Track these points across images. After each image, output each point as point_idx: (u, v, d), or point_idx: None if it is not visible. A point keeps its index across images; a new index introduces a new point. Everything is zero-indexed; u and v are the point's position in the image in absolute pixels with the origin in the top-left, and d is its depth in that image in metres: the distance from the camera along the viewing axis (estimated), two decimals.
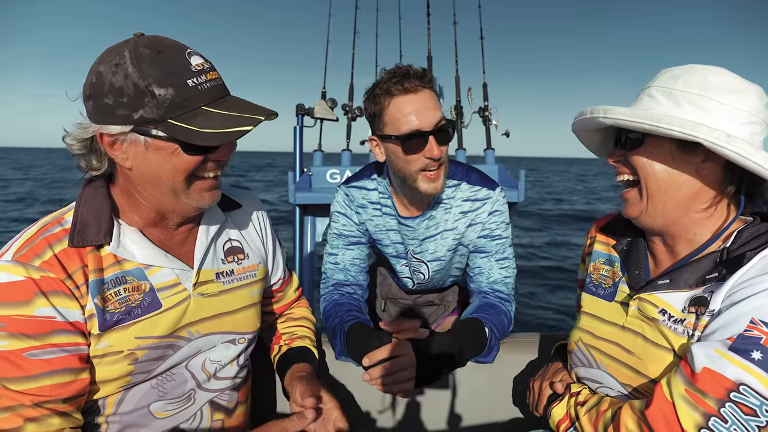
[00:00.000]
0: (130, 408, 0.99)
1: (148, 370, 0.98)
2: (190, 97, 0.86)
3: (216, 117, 0.87)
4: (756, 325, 0.76)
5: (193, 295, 1.04)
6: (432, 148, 1.27)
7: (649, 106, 0.91)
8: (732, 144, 0.79)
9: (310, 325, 1.39)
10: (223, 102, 0.90)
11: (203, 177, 0.94)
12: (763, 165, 0.79)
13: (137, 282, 0.97)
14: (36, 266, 0.86)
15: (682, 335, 0.88)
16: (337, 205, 1.56)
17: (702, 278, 0.88)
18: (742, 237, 0.87)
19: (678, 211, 0.91)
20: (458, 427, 1.43)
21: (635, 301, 0.97)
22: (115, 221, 0.97)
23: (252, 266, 1.18)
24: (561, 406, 1.04)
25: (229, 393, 1.13)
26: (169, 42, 0.89)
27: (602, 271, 1.11)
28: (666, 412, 0.80)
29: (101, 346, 0.92)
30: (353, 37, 4.47)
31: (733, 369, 0.75)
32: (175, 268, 1.01)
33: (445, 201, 1.47)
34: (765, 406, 0.73)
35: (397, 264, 1.64)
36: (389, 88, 1.27)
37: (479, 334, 1.28)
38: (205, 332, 1.06)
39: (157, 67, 0.84)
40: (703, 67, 0.88)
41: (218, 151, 0.92)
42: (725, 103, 0.85)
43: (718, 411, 0.75)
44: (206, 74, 0.88)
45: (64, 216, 0.96)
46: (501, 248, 1.47)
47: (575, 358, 1.11)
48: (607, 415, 0.92)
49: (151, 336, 0.97)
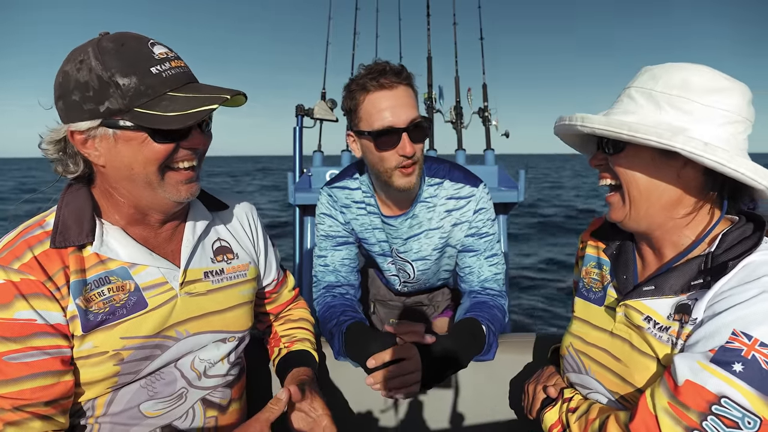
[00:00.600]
0: (120, 408, 0.99)
1: (136, 371, 0.98)
2: (155, 84, 0.86)
3: (180, 100, 0.86)
4: (737, 337, 0.75)
5: (180, 295, 1.04)
6: (405, 146, 1.26)
7: (628, 108, 0.90)
8: (710, 152, 0.78)
9: (309, 326, 1.38)
10: (189, 87, 0.89)
11: (177, 168, 0.93)
12: (740, 171, 0.78)
13: (122, 281, 0.96)
14: (15, 269, 0.86)
15: (667, 343, 0.87)
16: (322, 206, 1.57)
17: (687, 284, 0.87)
18: (727, 240, 0.86)
19: (662, 214, 0.90)
20: (458, 427, 1.44)
21: (621, 307, 0.97)
22: (98, 221, 0.97)
23: (242, 266, 1.18)
24: (553, 412, 1.05)
25: (221, 390, 1.13)
26: (132, 35, 0.89)
27: (593, 275, 1.11)
28: (649, 425, 0.80)
29: (85, 347, 0.92)
30: (353, 38, 4.48)
31: (714, 381, 0.75)
32: (161, 266, 1.01)
33: (428, 200, 1.47)
34: (747, 418, 0.73)
35: (383, 263, 1.65)
36: (365, 84, 1.27)
37: (477, 333, 1.28)
38: (194, 331, 1.06)
39: (119, 58, 0.85)
40: (683, 66, 0.87)
41: (190, 139, 0.91)
42: (706, 104, 0.84)
43: (700, 424, 0.75)
44: (170, 62, 0.88)
45: (45, 219, 0.96)
46: (489, 245, 1.47)
47: (566, 363, 1.11)
48: (594, 425, 0.92)
49: (136, 336, 0.97)
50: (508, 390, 1.44)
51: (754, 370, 0.73)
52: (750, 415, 0.72)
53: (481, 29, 4.30)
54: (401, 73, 1.28)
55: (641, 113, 0.88)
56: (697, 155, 0.78)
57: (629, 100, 0.91)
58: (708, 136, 0.82)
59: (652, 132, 0.81)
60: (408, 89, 1.30)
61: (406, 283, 1.69)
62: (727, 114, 0.84)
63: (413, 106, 1.29)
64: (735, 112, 0.84)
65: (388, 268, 1.66)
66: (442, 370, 1.20)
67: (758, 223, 0.86)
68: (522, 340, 1.46)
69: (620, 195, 0.94)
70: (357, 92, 1.29)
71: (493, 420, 1.44)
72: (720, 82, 0.84)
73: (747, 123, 0.86)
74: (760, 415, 0.72)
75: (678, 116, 0.85)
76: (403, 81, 1.28)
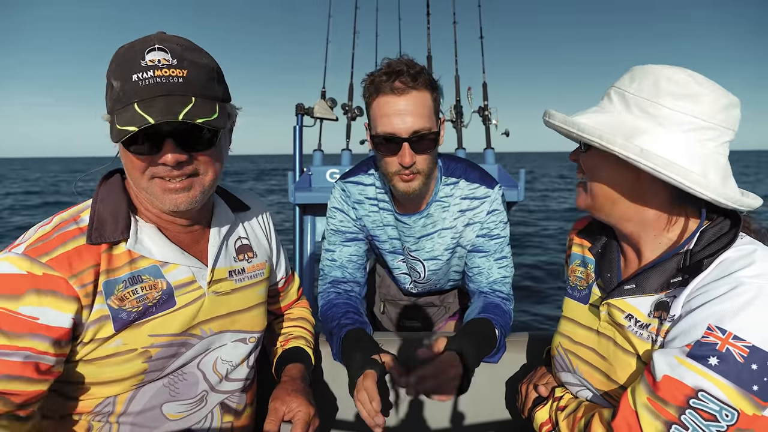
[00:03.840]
0: (141, 408, 0.98)
1: (161, 368, 0.98)
2: (128, 92, 0.84)
3: (130, 114, 0.83)
4: (712, 332, 0.77)
5: (208, 294, 1.04)
6: (404, 155, 1.24)
7: (604, 108, 0.93)
8: (644, 157, 0.79)
9: (307, 325, 1.38)
10: (156, 100, 0.84)
11: (162, 177, 0.91)
12: (672, 177, 0.79)
13: (153, 280, 0.96)
14: (42, 262, 0.85)
15: (647, 341, 0.89)
16: (334, 201, 1.55)
17: (666, 282, 0.88)
18: (705, 238, 0.87)
19: (629, 212, 0.92)
20: (454, 425, 1.44)
21: (605, 306, 0.98)
22: (132, 217, 0.97)
23: (260, 264, 1.19)
24: (544, 411, 1.07)
25: (238, 395, 1.14)
26: (148, 37, 0.88)
27: (578, 273, 1.13)
28: (630, 421, 0.81)
29: (114, 345, 0.92)
30: (353, 37, 4.48)
31: (691, 375, 0.76)
32: (191, 266, 1.02)
33: (443, 199, 1.45)
34: (724, 411, 0.74)
35: (393, 261, 1.63)
36: (378, 85, 1.24)
37: (491, 335, 1.28)
38: (217, 330, 1.07)
39: (117, 60, 0.86)
40: (659, 69, 0.87)
41: (161, 153, 0.88)
42: (674, 109, 0.84)
43: (679, 418, 0.76)
44: (155, 70, 0.84)
45: (81, 214, 0.95)
46: (499, 247, 1.45)
47: (556, 362, 1.12)
48: (581, 423, 0.93)
49: (164, 334, 0.97)
50: (504, 389, 1.44)
51: (729, 363, 0.74)
52: (727, 408, 0.73)
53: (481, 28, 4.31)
54: (417, 77, 1.22)
55: (612, 114, 0.90)
56: (632, 159, 0.80)
57: (608, 99, 0.93)
58: (669, 142, 0.83)
59: (596, 134, 0.84)
60: (422, 94, 1.24)
61: (416, 283, 1.67)
62: (695, 120, 0.83)
63: (422, 114, 1.23)
64: (703, 119, 0.83)
65: (398, 266, 1.64)
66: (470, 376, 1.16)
67: (734, 219, 0.87)
68: (516, 340, 1.47)
69: (584, 186, 0.97)
70: (370, 90, 1.27)
71: (489, 419, 1.44)
72: (691, 87, 0.84)
73: (720, 129, 0.84)
74: (737, 407, 0.73)
75: (643, 119, 0.86)
76: (418, 86, 1.22)
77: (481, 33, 4.29)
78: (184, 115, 0.84)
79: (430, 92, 1.26)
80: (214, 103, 0.91)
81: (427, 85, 1.25)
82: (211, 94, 0.91)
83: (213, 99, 0.91)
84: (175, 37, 0.91)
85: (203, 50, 0.94)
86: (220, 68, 0.97)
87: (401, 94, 1.22)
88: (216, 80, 0.93)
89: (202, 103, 0.88)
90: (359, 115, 4.10)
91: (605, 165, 0.91)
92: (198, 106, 0.87)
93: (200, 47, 0.94)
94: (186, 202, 0.94)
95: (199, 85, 0.88)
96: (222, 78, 0.97)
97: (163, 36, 0.89)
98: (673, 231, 0.92)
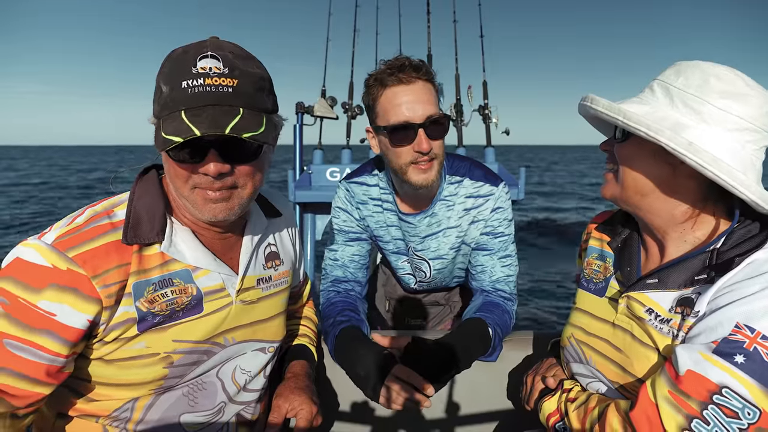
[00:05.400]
0: (158, 416, 0.97)
1: (182, 375, 0.96)
2: (177, 99, 0.82)
3: (177, 123, 0.81)
4: (740, 329, 0.76)
5: (236, 302, 1.02)
6: (421, 142, 1.24)
7: (645, 99, 0.92)
8: (692, 151, 0.78)
9: (310, 324, 1.39)
10: (205, 110, 0.82)
11: (202, 187, 0.89)
12: (718, 174, 0.78)
13: (184, 285, 0.95)
14: (69, 257, 0.83)
15: (667, 335, 0.88)
16: (338, 200, 1.56)
17: (691, 279, 0.88)
18: (733, 238, 0.86)
19: (658, 206, 0.91)
20: (455, 423, 1.44)
21: (624, 299, 0.98)
22: (168, 219, 0.95)
23: (285, 272, 1.18)
24: (552, 401, 1.06)
25: (254, 406, 1.13)
26: (205, 42, 0.86)
27: (594, 266, 1.12)
28: (649, 413, 0.81)
29: (137, 347, 0.90)
30: (353, 35, 4.48)
31: (716, 372, 0.76)
32: (221, 272, 1.00)
33: (447, 198, 1.45)
34: (747, 409, 0.73)
35: (397, 261, 1.63)
36: (383, 79, 1.25)
37: (484, 334, 1.28)
38: (240, 339, 1.05)
39: (168, 64, 0.85)
40: (708, 66, 0.86)
41: (203, 163, 0.86)
42: (720, 107, 0.83)
43: (701, 413, 0.76)
44: (206, 78, 0.82)
45: (114, 209, 0.93)
46: (503, 246, 1.45)
47: (567, 353, 1.12)
48: (594, 413, 0.93)
49: (188, 340, 0.95)
50: (506, 388, 1.44)
51: (755, 362, 0.74)
52: (750, 406, 0.73)
53: (481, 27, 4.30)
54: (420, 68, 1.25)
55: (655, 106, 0.89)
56: (679, 152, 0.79)
57: (650, 91, 0.92)
58: (712, 139, 0.82)
59: (644, 123, 0.82)
60: (427, 85, 1.27)
61: (421, 282, 1.68)
62: (740, 121, 0.83)
63: (432, 102, 1.26)
64: (748, 120, 0.83)
65: (402, 266, 1.64)
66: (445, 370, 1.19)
67: (765, 221, 0.86)
68: (521, 338, 1.47)
69: (615, 175, 0.96)
70: (375, 87, 1.27)
71: (491, 418, 1.44)
72: (739, 87, 0.83)
73: (762, 133, 0.84)
74: (760, 406, 0.73)
75: (687, 114, 0.85)
76: (422, 76, 1.25)
77: (482, 31, 4.29)
78: (231, 129, 0.81)
79: (432, 84, 1.30)
80: (262, 115, 0.88)
81: (429, 76, 1.28)
82: (260, 105, 0.89)
83: (261, 111, 0.89)
84: (228, 44, 0.88)
85: (255, 59, 0.92)
86: (271, 78, 0.95)
87: (409, 83, 1.24)
88: (266, 91, 0.91)
89: (250, 115, 0.85)
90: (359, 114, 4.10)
91: (642, 156, 0.90)
92: (246, 119, 0.84)
93: (253, 55, 0.91)
94: (224, 213, 0.91)
95: (249, 95, 0.86)
96: (272, 88, 0.95)
97: (216, 42, 0.87)
98: (701, 229, 0.91)
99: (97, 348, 0.89)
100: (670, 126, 0.83)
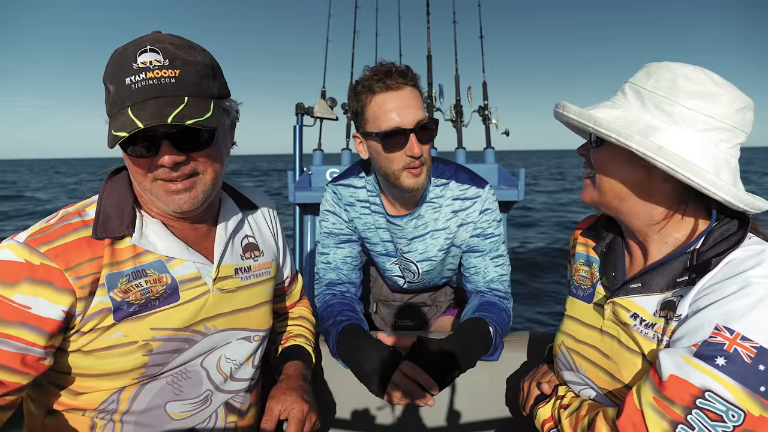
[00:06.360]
0: (144, 406, 0.98)
1: (163, 363, 0.97)
2: (123, 96, 0.84)
3: (123, 119, 0.83)
4: (720, 331, 0.76)
5: (213, 290, 1.04)
6: (413, 146, 1.27)
7: (617, 103, 0.92)
8: (662, 155, 0.78)
9: (307, 324, 1.39)
10: (148, 103, 0.83)
11: (164, 179, 0.91)
12: (689, 176, 0.78)
13: (158, 274, 0.97)
14: (41, 252, 0.86)
15: (652, 340, 0.88)
16: (326, 203, 1.57)
17: (672, 282, 0.88)
18: (712, 237, 0.86)
19: (637, 208, 0.91)
20: (453, 423, 1.44)
21: (609, 305, 0.98)
22: (138, 212, 0.97)
23: (266, 263, 1.19)
24: (546, 408, 1.07)
25: (243, 395, 1.14)
26: (144, 37, 0.87)
27: (581, 272, 1.12)
28: (635, 421, 0.81)
29: (114, 336, 0.92)
30: (353, 36, 4.47)
31: (698, 375, 0.76)
32: (196, 261, 1.02)
33: (434, 200, 1.46)
34: (731, 412, 0.73)
35: (386, 263, 1.64)
36: (371, 85, 1.27)
37: (485, 334, 1.28)
38: (222, 328, 1.07)
39: (111, 64, 0.86)
40: (677, 67, 0.86)
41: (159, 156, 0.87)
42: (690, 108, 0.83)
43: (685, 418, 0.76)
44: (148, 72, 0.84)
45: (86, 209, 0.96)
46: (494, 246, 1.47)
47: (559, 361, 1.12)
48: (584, 421, 0.93)
49: (166, 328, 0.97)
50: (504, 388, 1.44)
51: (736, 363, 0.74)
52: (734, 409, 0.73)
53: (481, 27, 4.30)
54: (407, 74, 1.28)
55: (627, 109, 0.89)
56: (650, 156, 0.80)
57: (622, 95, 0.92)
58: (684, 141, 0.82)
59: (613, 129, 0.83)
60: (414, 90, 1.30)
61: (410, 282, 1.69)
62: (711, 120, 0.83)
63: (419, 107, 1.29)
64: (719, 119, 0.83)
65: (390, 268, 1.65)
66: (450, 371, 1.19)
67: (742, 220, 0.86)
68: (518, 339, 1.47)
69: (592, 180, 0.96)
70: (363, 94, 1.29)
71: (489, 417, 1.44)
72: (708, 86, 0.83)
73: (734, 131, 0.84)
74: (744, 408, 0.73)
75: (659, 117, 0.85)
76: (409, 82, 1.28)
77: (481, 32, 4.28)
78: (173, 117, 0.83)
79: (418, 89, 1.33)
80: (209, 101, 0.90)
81: (415, 81, 1.31)
82: (206, 92, 0.90)
83: (208, 97, 0.90)
84: (168, 36, 0.89)
85: (198, 47, 0.92)
86: (217, 63, 0.96)
87: (398, 89, 1.27)
88: (211, 77, 0.92)
89: (196, 103, 0.87)
90: None
91: (617, 160, 0.90)
92: (190, 106, 0.85)
93: (195, 44, 0.92)
94: (188, 203, 0.94)
95: (193, 83, 0.87)
96: (218, 73, 0.95)
97: (156, 36, 0.88)
98: (681, 230, 0.91)
99: (75, 339, 0.90)
100: (640, 130, 0.84)
